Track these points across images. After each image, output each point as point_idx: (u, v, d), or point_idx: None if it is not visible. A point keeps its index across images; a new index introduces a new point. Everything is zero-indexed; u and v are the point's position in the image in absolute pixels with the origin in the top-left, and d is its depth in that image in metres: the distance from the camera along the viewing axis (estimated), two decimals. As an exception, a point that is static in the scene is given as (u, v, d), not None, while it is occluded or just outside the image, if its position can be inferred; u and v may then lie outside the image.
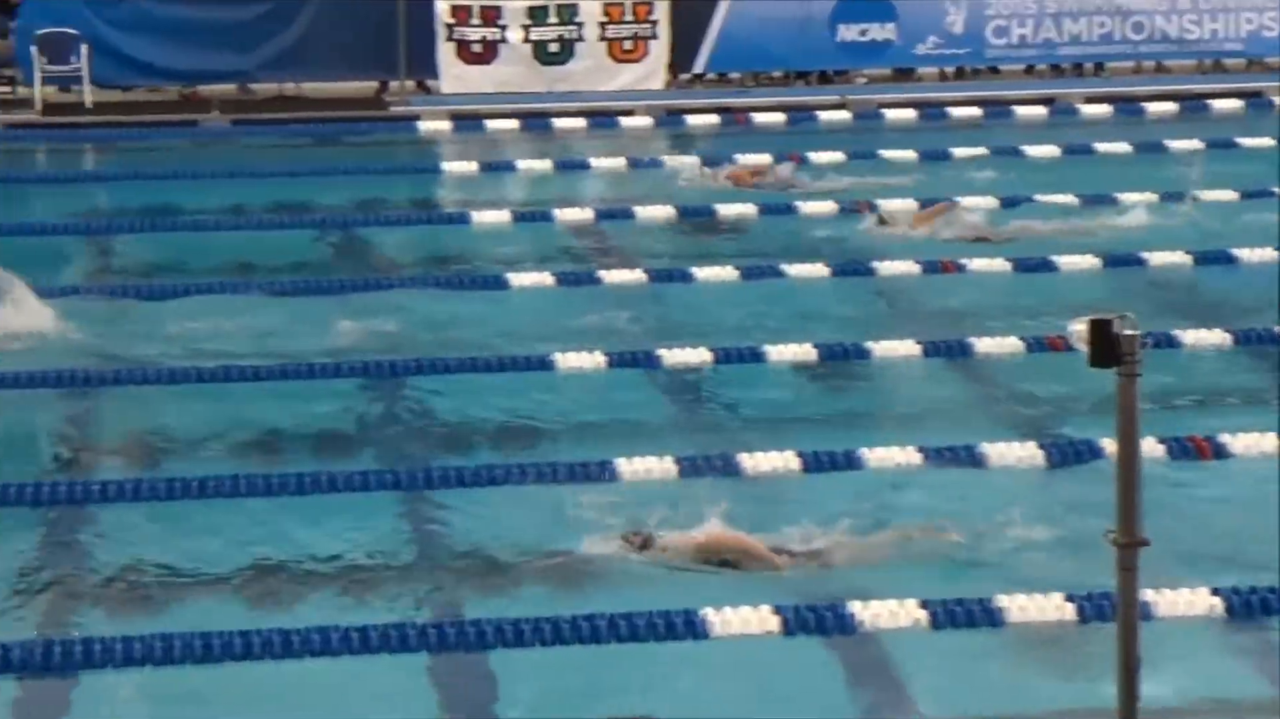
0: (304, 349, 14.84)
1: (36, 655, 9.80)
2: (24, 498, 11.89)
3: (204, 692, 9.70)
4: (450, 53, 24.38)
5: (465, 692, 9.81)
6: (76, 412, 13.73)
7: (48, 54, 23.48)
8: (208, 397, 13.93)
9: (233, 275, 16.79)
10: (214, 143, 22.71)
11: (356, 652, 9.97)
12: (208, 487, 12.01)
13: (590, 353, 14.55)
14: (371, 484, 12.16)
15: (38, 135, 22.89)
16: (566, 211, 19.08)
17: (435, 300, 16.17)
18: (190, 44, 24.03)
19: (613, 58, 24.77)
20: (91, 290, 16.39)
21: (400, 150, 22.67)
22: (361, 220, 18.86)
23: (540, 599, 10.60)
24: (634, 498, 11.97)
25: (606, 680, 9.88)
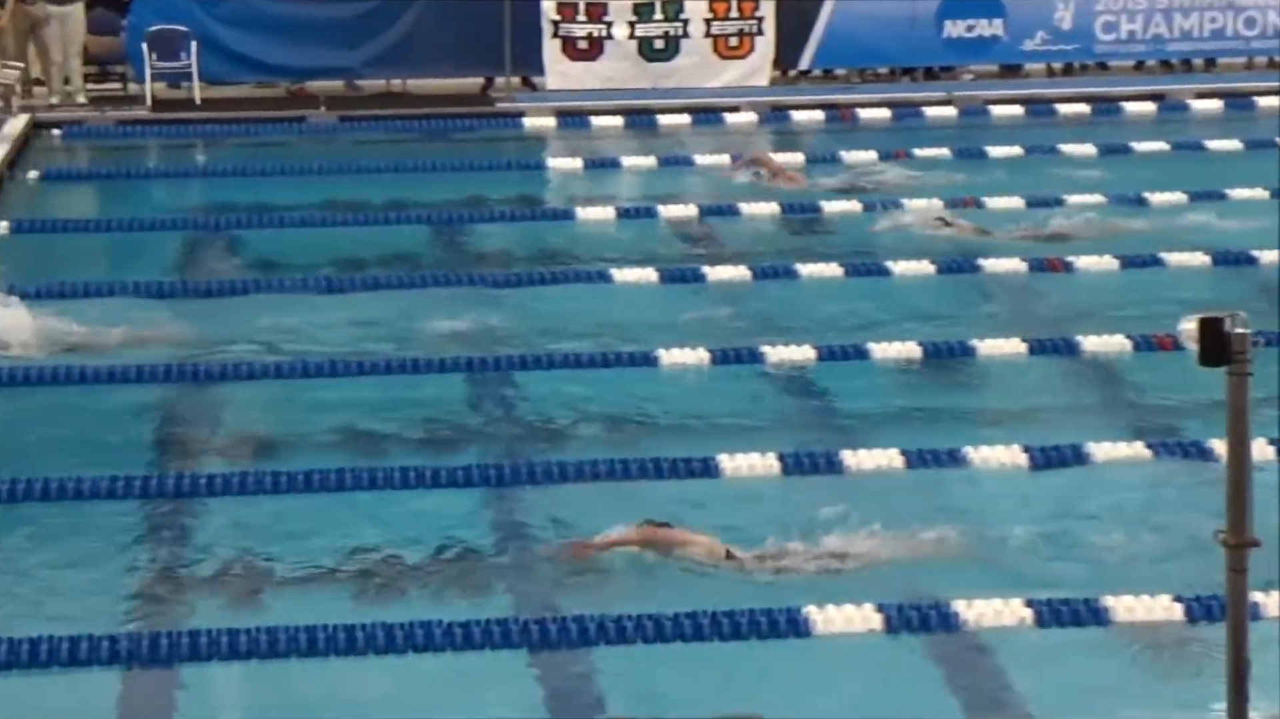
0: (408, 344, 14.90)
1: (144, 648, 9.89)
2: (131, 491, 11.99)
3: (307, 685, 9.75)
4: (556, 49, 24.41)
5: (565, 690, 9.81)
6: (184, 406, 13.82)
7: (158, 51, 23.67)
8: (313, 391, 14.00)
9: (338, 271, 16.86)
10: (321, 139, 22.82)
11: (459, 648, 10.00)
12: (313, 480, 12.08)
13: (694, 349, 14.53)
14: (474, 479, 12.19)
15: (148, 131, 23.07)
16: (670, 208, 19.05)
17: (539, 296, 16.19)
18: (298, 40, 24.16)
19: (718, 54, 24.72)
20: (199, 286, 16.49)
21: (505, 146, 22.71)
22: (466, 216, 18.90)
23: (640, 596, 10.58)
24: (736, 495, 11.98)
25: (707, 679, 9.87)
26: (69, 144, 22.70)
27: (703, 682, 9.83)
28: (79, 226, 18.57)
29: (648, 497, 11.96)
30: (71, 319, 15.41)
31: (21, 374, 14.00)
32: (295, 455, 12.74)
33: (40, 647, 9.82)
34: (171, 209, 19.36)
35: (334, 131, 23.08)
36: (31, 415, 13.49)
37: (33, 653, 9.79)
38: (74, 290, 16.08)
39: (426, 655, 9.95)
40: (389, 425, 13.30)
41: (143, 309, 15.78)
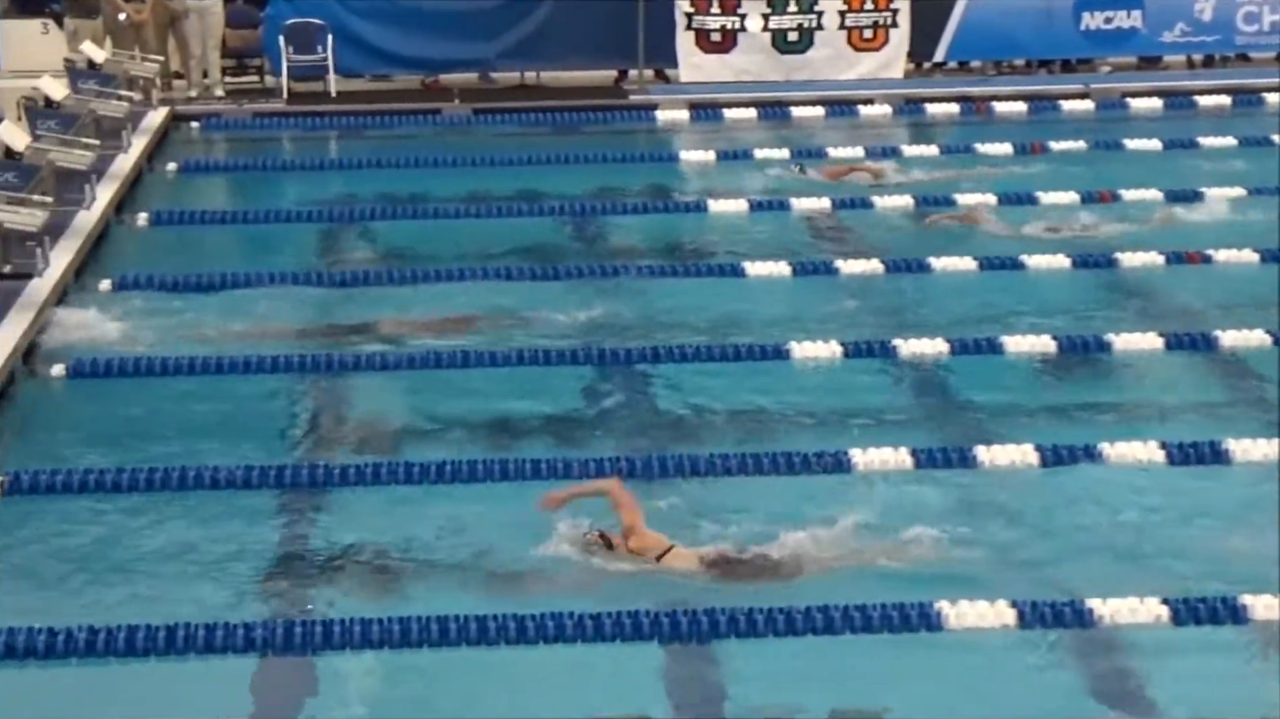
0: (540, 336, 14.94)
1: (278, 636, 9.98)
2: (267, 480, 12.10)
3: (439, 674, 9.81)
4: (689, 41, 24.39)
5: (693, 683, 9.81)
6: (319, 396, 13.93)
7: (294, 44, 23.86)
8: (445, 382, 14.06)
9: (472, 262, 16.93)
10: (455, 131, 22.92)
11: (590, 639, 10.03)
12: (445, 471, 12.14)
13: (826, 343, 14.48)
14: (606, 472, 12.19)
15: (284, 124, 23.26)
16: (804, 201, 19.00)
17: (671, 289, 16.18)
18: (433, 33, 24.28)
19: (852, 46, 24.61)
20: (333, 277, 16.61)
21: (638, 139, 22.71)
22: (599, 208, 18.92)
23: (772, 590, 10.56)
24: (868, 489, 11.92)
25: (836, 673, 9.84)
26: (207, 136, 22.92)
27: (832, 676, 9.81)
28: (216, 218, 18.75)
29: (779, 490, 11.94)
30: (208, 310, 15.59)
31: (159, 364, 14.14)
32: (428, 446, 12.80)
33: (177, 633, 9.93)
34: (306, 201, 19.50)
35: (468, 124, 23.17)
36: (169, 405, 13.63)
37: (169, 639, 9.91)
38: (210, 281, 16.24)
39: (557, 646, 9.99)
40: (520, 417, 13.34)
41: (278, 300, 15.91)
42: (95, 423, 13.34)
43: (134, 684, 9.73)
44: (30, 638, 9.86)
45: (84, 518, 11.61)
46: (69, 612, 10.26)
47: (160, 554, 11.15)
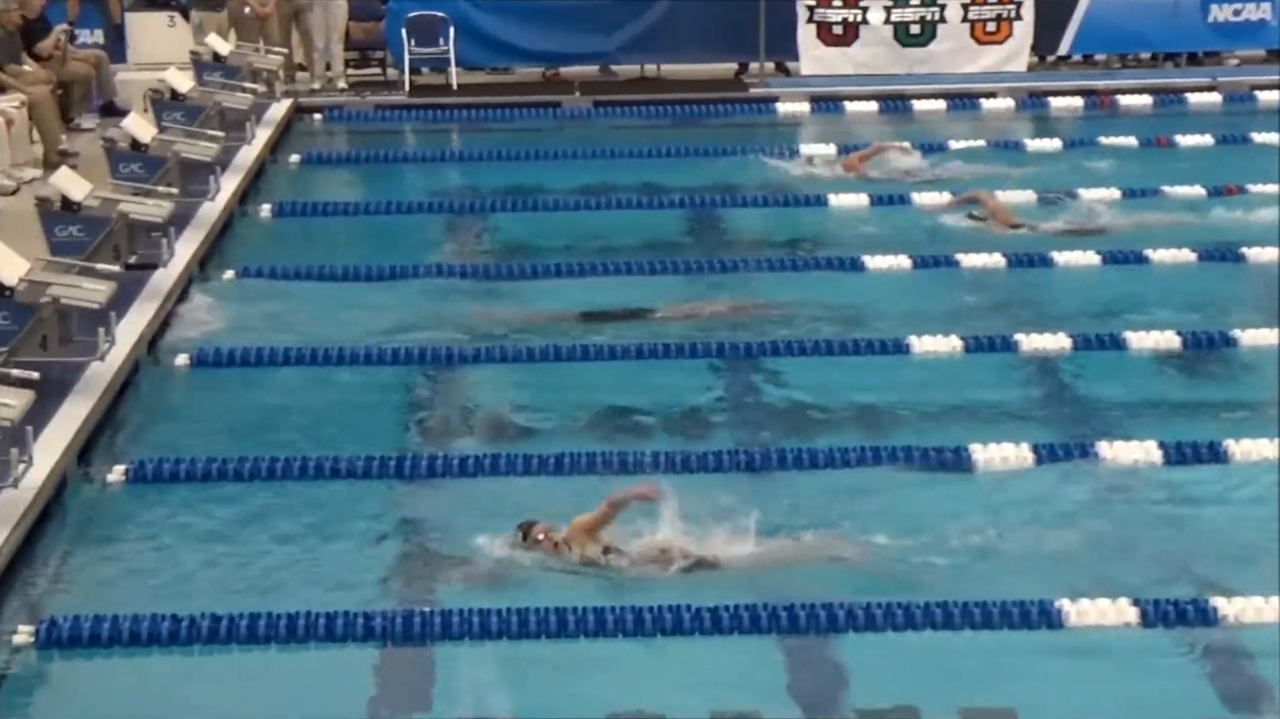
0: (660, 329, 14.93)
1: (397, 626, 10.02)
2: (386, 471, 12.15)
3: (557, 665, 9.82)
4: (810, 34, 24.32)
5: (807, 676, 9.78)
6: (437, 388, 13.98)
7: (417, 37, 23.98)
8: (565, 374, 14.09)
9: (592, 256, 16.95)
10: (575, 124, 22.97)
11: (707, 632, 10.02)
12: (563, 463, 12.16)
13: (946, 337, 14.40)
14: (724, 465, 12.19)
15: (405, 116, 23.39)
16: (925, 194, 18.90)
17: (791, 282, 16.14)
18: (553, 26, 24.33)
19: (975, 39, 24.46)
20: (453, 269, 16.67)
21: (759, 132, 22.67)
22: (719, 201, 18.90)
23: (891, 584, 10.51)
24: (988, 484, 11.85)
25: (955, 669, 9.78)
26: (329, 129, 23.08)
27: (950, 671, 9.75)
28: (337, 210, 18.86)
29: (898, 485, 11.88)
30: (329, 301, 15.69)
31: (281, 354, 14.25)
32: (547, 438, 12.82)
33: (298, 622, 9.99)
34: (427, 193, 19.58)
35: (588, 117, 23.21)
36: (290, 395, 13.72)
37: (290, 627, 9.97)
38: (332, 273, 16.35)
39: (675, 638, 9.98)
40: (640, 410, 13.33)
41: (398, 291, 16.00)
42: (217, 412, 13.45)
43: (255, 673, 9.80)
44: (154, 625, 9.95)
45: (206, 506, 11.71)
46: (191, 599, 10.34)
47: (281, 543, 11.22)
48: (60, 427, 12.24)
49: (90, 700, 9.66)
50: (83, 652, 9.87)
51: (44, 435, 11.87)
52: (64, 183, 15.59)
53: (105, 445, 12.63)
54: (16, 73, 20.27)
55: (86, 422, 12.48)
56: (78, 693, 9.73)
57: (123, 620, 9.96)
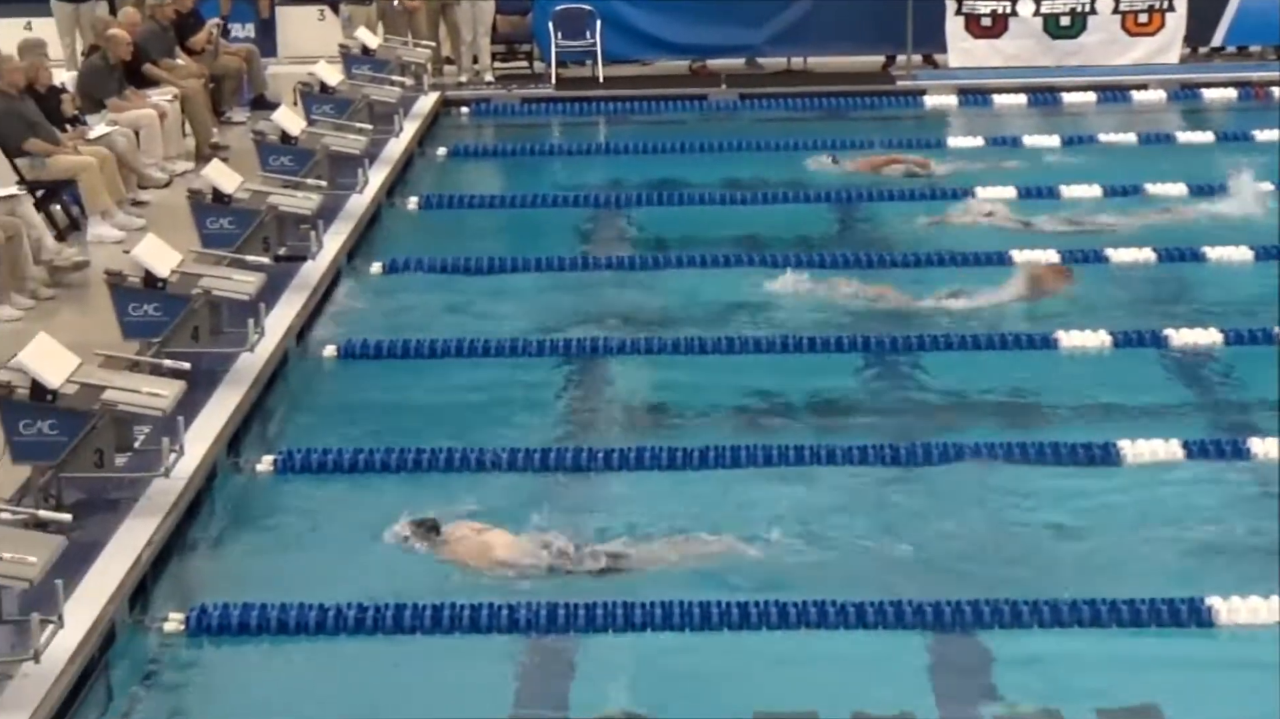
0: (806, 322, 14.89)
1: (541, 617, 10.05)
2: (531, 464, 12.18)
3: (698, 657, 9.82)
4: (959, 26, 24.16)
5: (955, 674, 9.71)
6: (583, 380, 14.00)
7: (563, 30, 24.06)
8: (713, 367, 14.07)
9: (739, 248, 16.93)
10: (721, 116, 22.95)
11: (851, 626, 9.98)
12: (708, 457, 12.15)
13: (1094, 332, 14.26)
14: (870, 458, 12.14)
15: (551, 109, 23.46)
16: (1074, 188, 18.72)
17: (939, 276, 16.03)
18: (699, 18, 24.32)
19: (1126, 31, 24.19)
20: (599, 261, 16.69)
21: (905, 124, 22.55)
22: (865, 195, 18.81)
23: (1034, 580, 10.43)
24: (1137, 480, 11.73)
25: (1102, 667, 9.69)
26: (476, 122, 23.20)
27: (1095, 670, 9.66)
28: (484, 202, 18.94)
29: (1045, 480, 11.79)
30: (475, 293, 15.78)
31: (427, 347, 14.33)
32: (692, 431, 12.82)
33: (443, 612, 10.05)
34: (573, 186, 19.63)
35: (734, 109, 23.18)
36: (436, 387, 13.81)
37: (435, 618, 10.03)
38: (478, 265, 16.43)
39: (820, 633, 9.95)
40: (785, 403, 13.30)
41: (544, 283, 16.07)
42: (364, 403, 13.56)
43: (400, 662, 9.86)
44: (301, 614, 10.04)
45: (352, 496, 11.80)
46: (337, 589, 10.42)
47: (427, 534, 11.28)
48: (210, 417, 12.39)
49: (238, 688, 9.75)
50: (231, 639, 9.99)
51: (195, 425, 12.01)
52: (215, 176, 15.77)
53: (254, 435, 12.76)
54: (170, 66, 20.52)
55: (236, 412, 12.62)
56: (226, 680, 9.83)
57: (271, 609, 10.07)
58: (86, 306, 14.82)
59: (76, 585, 9.86)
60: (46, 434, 10.75)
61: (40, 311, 14.76)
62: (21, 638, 9.06)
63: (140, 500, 11.03)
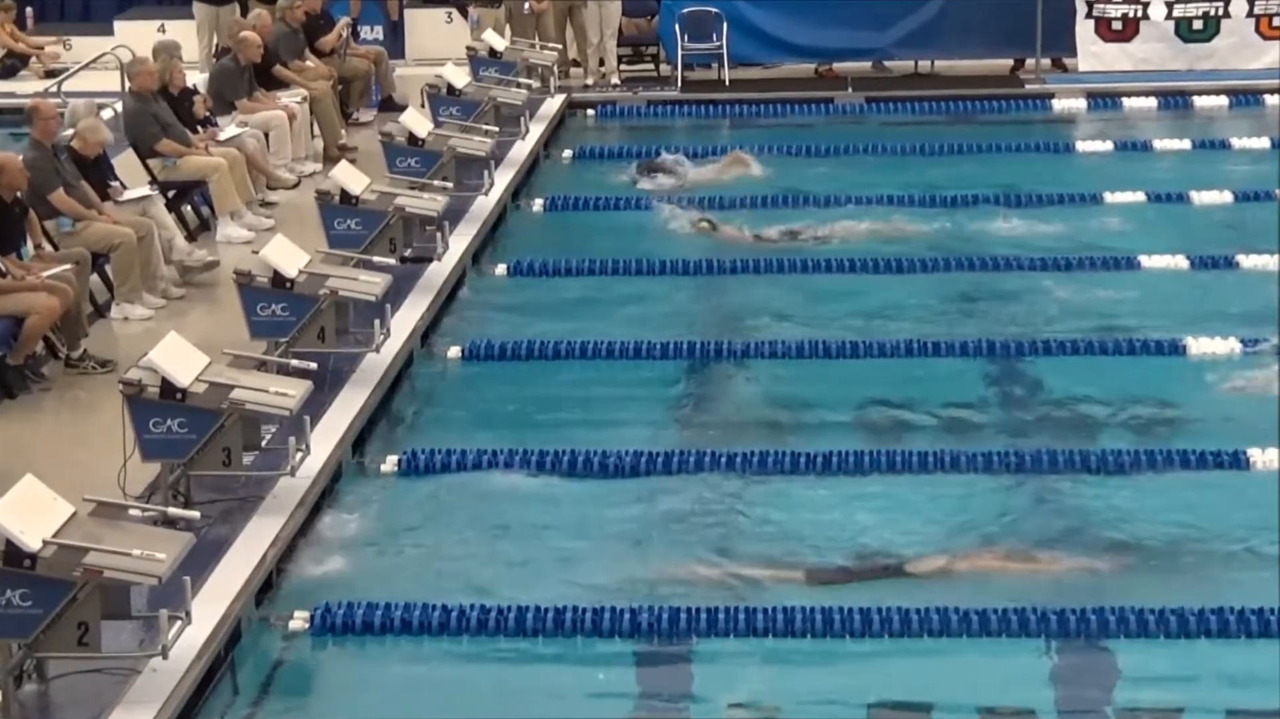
0: (927, 326, 14.83)
1: (662, 621, 10.06)
2: (654, 467, 12.19)
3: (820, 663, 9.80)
4: (1089, 30, 23.94)
5: (1081, 680, 9.65)
6: (706, 382, 14.00)
7: (689, 32, 24.05)
8: (834, 370, 14.04)
9: (861, 251, 16.87)
10: (848, 120, 22.86)
11: (975, 634, 9.93)
12: (831, 461, 12.11)
13: (1224, 339, 14.12)
14: (995, 465, 12.07)
15: (677, 112, 23.45)
16: (1204, 194, 18.53)
17: (1066, 281, 15.92)
18: (826, 21, 24.23)
19: (1260, 34, 23.89)
20: (723, 264, 16.65)
21: (1034, 129, 22.36)
22: (994, 199, 18.67)
23: (1162, 587, 10.34)
24: (1266, 488, 11.61)
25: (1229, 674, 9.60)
26: (601, 124, 23.22)
27: (1222, 677, 9.58)
28: (608, 205, 18.95)
29: (1174, 488, 11.68)
30: (600, 295, 15.81)
31: (551, 348, 14.37)
32: (815, 436, 12.79)
33: (565, 615, 10.08)
34: (699, 189, 19.56)
35: (860, 113, 23.10)
36: (561, 388, 13.84)
37: (558, 620, 10.06)
38: (602, 267, 16.47)
39: (942, 639, 9.91)
40: (908, 409, 13.24)
41: (667, 285, 16.08)
42: (488, 404, 13.62)
43: (521, 664, 9.89)
44: (425, 614, 10.10)
45: (476, 497, 11.85)
46: (460, 590, 10.48)
47: (549, 535, 11.33)
48: (336, 416, 12.48)
49: (361, 687, 9.82)
50: (355, 639, 10.06)
51: (321, 425, 12.12)
52: (343, 177, 15.88)
53: (379, 435, 12.85)
54: (299, 68, 20.69)
55: (361, 412, 12.71)
56: (349, 680, 9.90)
57: (394, 609, 10.13)
58: (215, 306, 14.97)
59: (204, 582, 9.98)
60: (176, 432, 10.87)
61: (170, 311, 14.92)
62: (150, 634, 9.16)
63: (267, 499, 11.14)
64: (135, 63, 17.93)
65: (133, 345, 13.21)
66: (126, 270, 14.77)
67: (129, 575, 8.91)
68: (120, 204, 15.35)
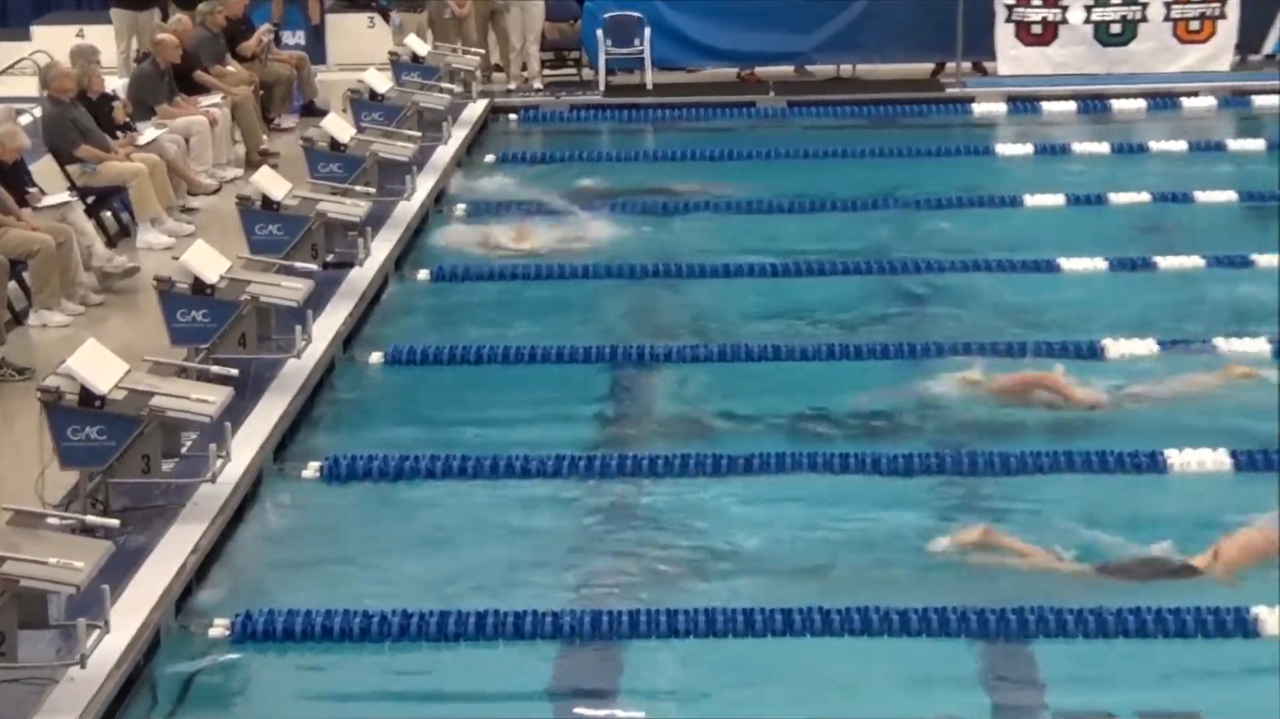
0: (849, 329, 14.88)
1: (585, 624, 10.07)
2: (576, 470, 12.21)
3: (738, 665, 9.83)
4: (1009, 34, 24.04)
5: (1011, 677, 9.70)
6: (627, 387, 14.02)
7: (612, 37, 24.06)
8: (755, 374, 14.07)
9: (784, 256, 16.91)
10: (770, 124, 22.92)
11: (895, 634, 9.97)
12: (753, 464, 12.15)
13: (1143, 340, 14.22)
14: (916, 467, 12.13)
15: (600, 116, 23.46)
16: (1122, 195, 18.67)
17: (986, 283, 16.00)
18: (749, 26, 24.27)
19: (1177, 38, 24.07)
20: (645, 269, 16.66)
21: (955, 132, 22.48)
22: (914, 202, 18.75)
23: (1086, 589, 10.41)
24: (1185, 489, 11.70)
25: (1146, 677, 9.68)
26: (524, 128, 23.21)
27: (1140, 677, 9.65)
28: (532, 209, 18.92)
29: (1089, 490, 11.76)
30: (523, 299, 15.81)
31: (474, 353, 14.36)
32: (735, 438, 12.82)
33: (487, 619, 10.07)
34: (621, 192, 19.57)
35: (782, 117, 23.16)
36: (482, 393, 13.83)
37: (479, 625, 10.05)
38: (525, 271, 16.47)
39: (862, 639, 9.94)
40: (829, 410, 13.28)
41: (591, 290, 16.09)
42: (410, 410, 13.59)
43: (444, 670, 9.88)
44: (345, 621, 10.07)
45: (398, 503, 11.84)
46: (381, 596, 10.46)
47: (470, 541, 11.32)
48: (257, 423, 12.45)
49: (282, 694, 9.79)
50: (276, 645, 10.03)
51: (242, 431, 12.08)
52: (265, 182, 15.83)
53: (301, 441, 12.82)
54: (220, 73, 20.60)
55: (283, 418, 12.67)
56: (270, 687, 9.86)
57: (315, 615, 10.11)
58: (136, 313, 14.90)
59: (123, 591, 9.93)
60: (95, 440, 10.82)
61: (90, 318, 14.84)
62: (68, 643, 9.12)
63: (187, 506, 11.10)
64: (52, 67, 17.81)
65: (51, 353, 13.13)
66: (45, 277, 14.68)
67: (46, 584, 8.86)
68: (39, 210, 15.25)
